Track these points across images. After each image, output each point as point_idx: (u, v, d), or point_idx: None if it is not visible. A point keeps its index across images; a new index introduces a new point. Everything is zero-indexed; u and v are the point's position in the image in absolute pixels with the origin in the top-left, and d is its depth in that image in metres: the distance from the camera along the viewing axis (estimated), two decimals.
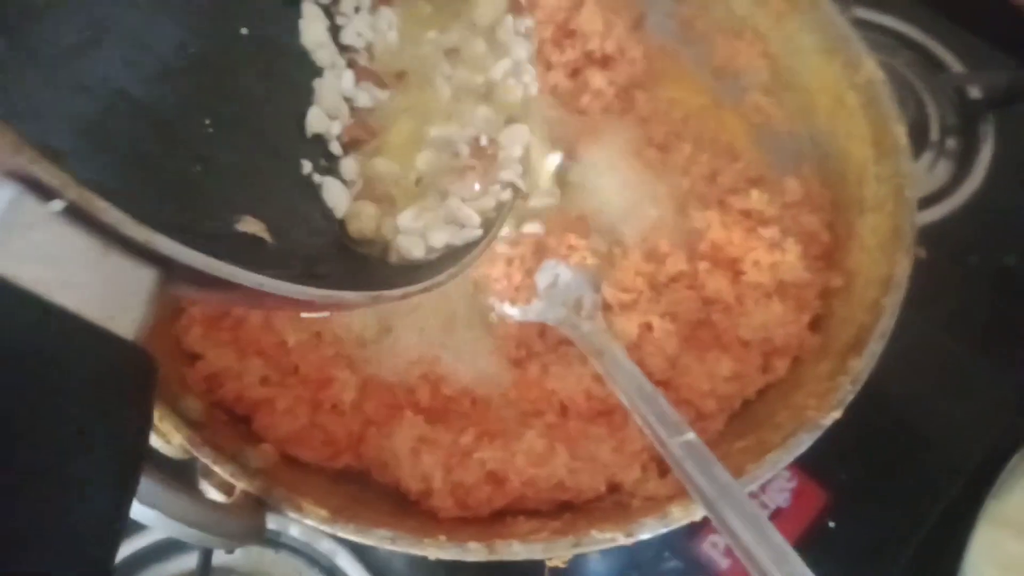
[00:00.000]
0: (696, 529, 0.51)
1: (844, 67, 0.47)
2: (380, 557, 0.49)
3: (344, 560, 0.49)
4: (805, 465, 0.53)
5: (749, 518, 0.32)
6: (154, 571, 0.50)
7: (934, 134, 0.66)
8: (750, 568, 0.31)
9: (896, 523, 0.52)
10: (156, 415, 0.34)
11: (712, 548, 0.50)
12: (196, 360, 0.40)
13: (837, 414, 0.35)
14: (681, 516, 0.33)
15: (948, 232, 0.62)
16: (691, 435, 0.35)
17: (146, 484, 0.28)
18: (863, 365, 0.36)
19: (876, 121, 0.45)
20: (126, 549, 0.49)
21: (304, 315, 0.41)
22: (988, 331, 0.58)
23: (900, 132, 0.43)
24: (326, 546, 0.49)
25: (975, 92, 0.67)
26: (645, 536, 0.33)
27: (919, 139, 0.66)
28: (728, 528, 0.32)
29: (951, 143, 0.66)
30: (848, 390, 0.36)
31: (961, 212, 0.63)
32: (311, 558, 0.49)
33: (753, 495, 0.52)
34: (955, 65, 0.69)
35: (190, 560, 0.48)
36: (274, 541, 0.50)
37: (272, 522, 0.49)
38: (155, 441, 0.35)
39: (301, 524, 0.48)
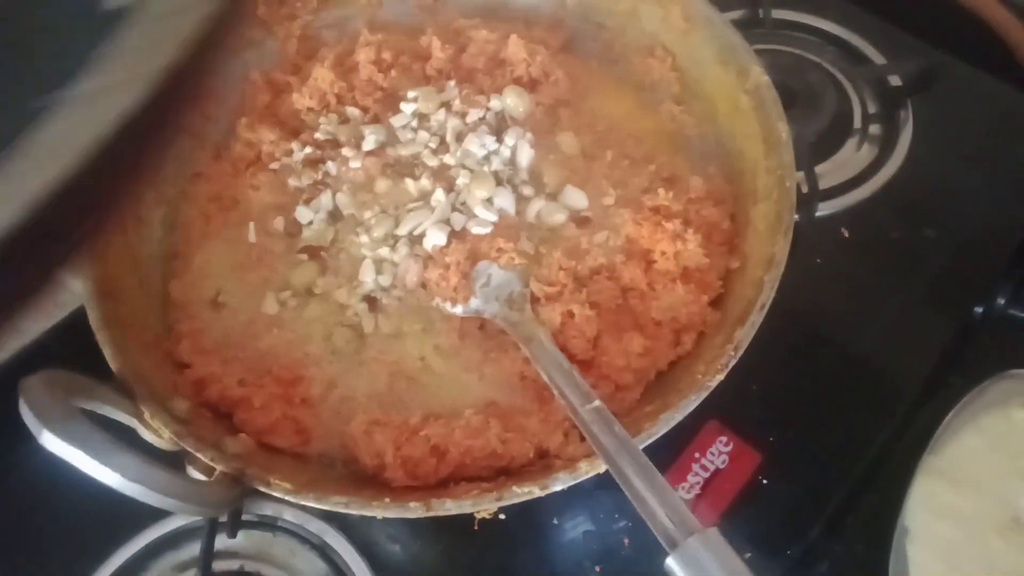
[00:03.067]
0: None
1: (737, 75, 0.53)
2: (366, 534, 0.55)
3: (332, 538, 0.55)
4: (740, 428, 0.58)
5: (640, 466, 0.38)
6: (167, 558, 0.56)
7: (857, 121, 0.72)
8: (641, 509, 0.37)
9: (828, 476, 0.57)
10: (148, 413, 0.42)
11: None
12: (185, 368, 0.47)
13: (721, 376, 0.41)
14: (588, 470, 0.40)
15: (872, 212, 0.68)
16: (597, 402, 0.41)
17: (135, 463, 0.34)
18: (744, 335, 0.42)
19: (764, 121, 0.50)
20: (139, 541, 0.56)
21: None
22: (913, 297, 0.64)
23: (783, 128, 0.49)
24: (316, 526, 0.56)
25: (895, 80, 0.73)
26: (557, 488, 0.39)
27: (844, 127, 0.71)
28: (624, 477, 0.38)
29: (874, 129, 0.72)
30: (731, 356, 0.42)
31: (884, 192, 0.68)
32: (304, 538, 0.56)
33: (694, 459, 0.59)
34: (876, 56, 0.75)
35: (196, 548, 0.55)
36: (271, 525, 0.56)
37: (268, 508, 0.57)
38: (148, 435, 0.42)
39: (294, 508, 0.56)
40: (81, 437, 0.34)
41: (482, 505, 0.39)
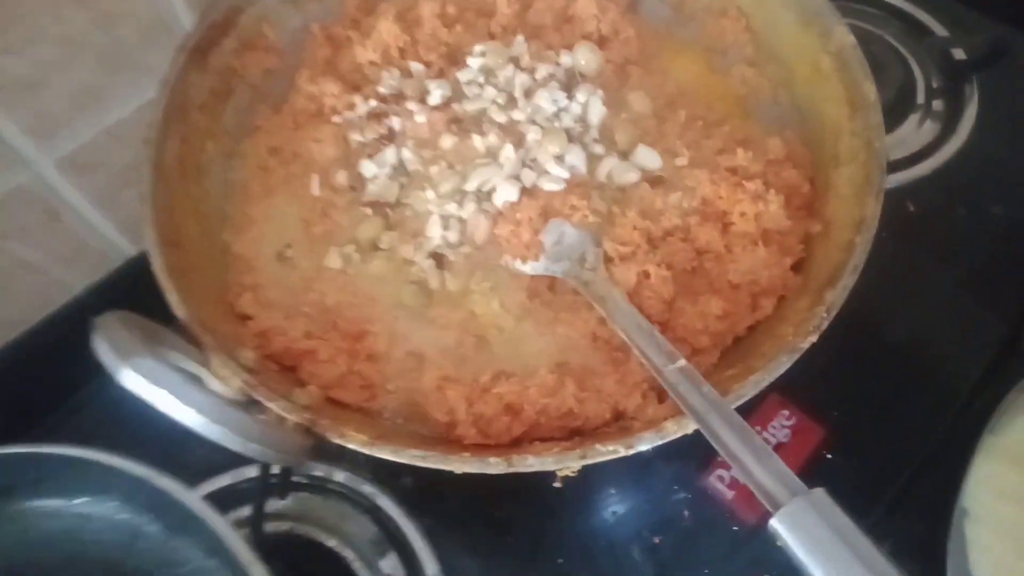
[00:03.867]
0: (703, 464, 0.55)
1: (819, 36, 0.51)
2: (413, 497, 0.54)
3: (383, 501, 0.54)
4: (803, 403, 0.57)
5: (735, 427, 0.37)
6: None
7: (921, 97, 0.70)
8: (737, 469, 0.36)
9: (891, 454, 0.56)
10: (217, 362, 0.40)
11: (718, 481, 0.55)
12: (247, 320, 0.46)
13: (813, 338, 0.40)
14: (675, 429, 0.38)
15: (938, 187, 0.66)
16: (683, 362, 0.40)
17: (217, 406, 0.33)
18: (836, 296, 0.41)
19: (848, 82, 0.49)
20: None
21: None
22: (978, 274, 0.62)
23: (870, 90, 0.47)
24: (367, 489, 0.55)
25: (959, 54, 0.71)
26: (643, 447, 0.38)
27: (907, 102, 0.70)
28: (717, 437, 0.37)
29: (937, 104, 0.70)
30: (823, 317, 0.40)
31: (949, 168, 0.67)
32: (355, 501, 0.55)
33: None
34: (939, 30, 0.73)
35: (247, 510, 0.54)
36: (321, 487, 0.55)
37: (319, 469, 0.56)
38: (215, 384, 0.41)
39: (344, 471, 0.55)
40: (161, 376, 0.33)
41: (565, 462, 0.38)
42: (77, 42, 0.53)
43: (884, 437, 0.56)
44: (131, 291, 0.56)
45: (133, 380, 0.32)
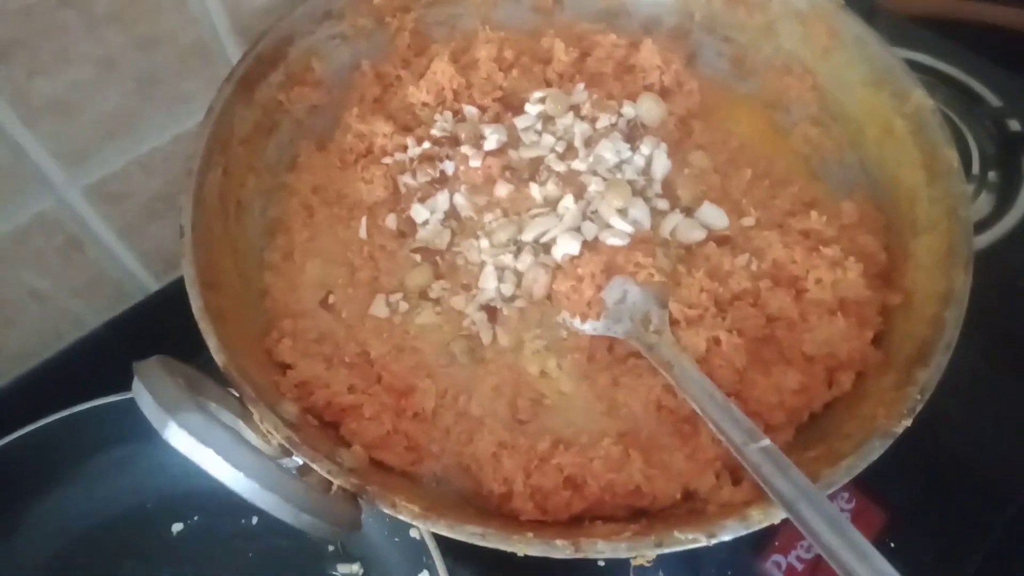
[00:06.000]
0: (759, 548, 0.51)
1: (892, 97, 0.49)
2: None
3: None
4: (863, 486, 0.53)
5: (830, 519, 0.33)
6: None
7: (975, 167, 0.68)
8: (835, 566, 0.32)
9: (955, 543, 0.52)
10: (256, 415, 0.37)
11: (775, 568, 0.51)
12: (287, 370, 0.42)
13: (908, 422, 0.37)
14: (761, 519, 0.35)
15: (993, 261, 0.64)
16: (766, 441, 0.36)
17: (267, 470, 0.29)
18: (930, 375, 0.38)
19: (926, 147, 0.47)
20: None
21: None
22: None
23: (952, 156, 0.45)
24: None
25: (1014, 124, 0.69)
26: (726, 537, 0.34)
27: None
28: (810, 529, 0.33)
29: (992, 175, 0.68)
30: (917, 399, 0.37)
31: (1005, 241, 0.64)
32: None
33: None
34: (993, 100, 0.72)
35: None
36: None
37: None
38: (255, 439, 0.37)
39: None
40: (208, 434, 0.29)
41: (639, 550, 0.34)
42: (114, 64, 0.51)
43: (951, 526, 0.52)
44: (151, 328, 0.53)
45: (180, 438, 0.29)
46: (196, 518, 0.49)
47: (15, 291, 0.56)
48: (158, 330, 0.45)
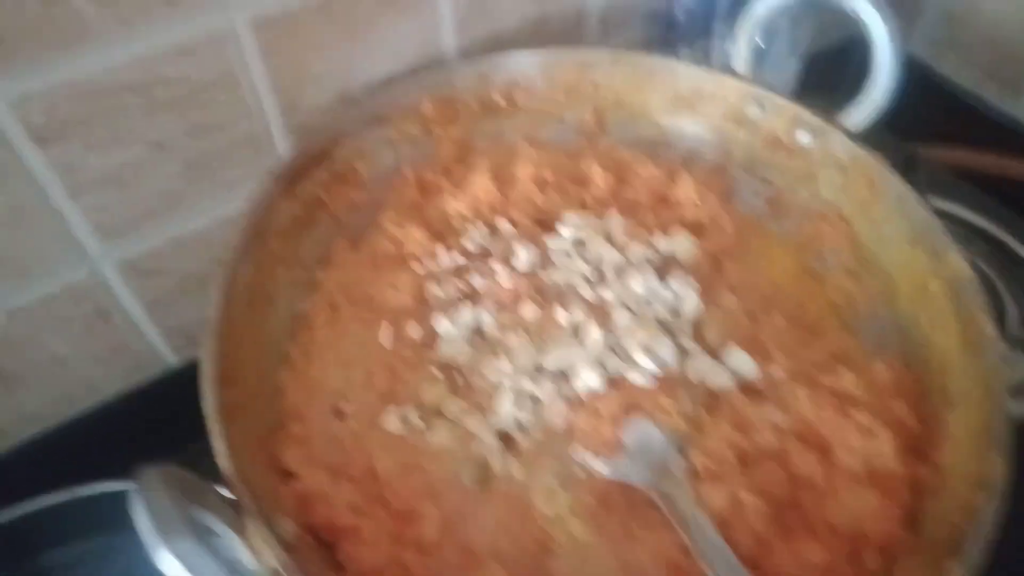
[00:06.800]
0: None
1: (929, 257, 0.48)
2: None
3: None
4: None
5: None
6: None
7: (1012, 327, 0.67)
8: None
9: None
10: (254, 532, 0.35)
11: None
12: (290, 478, 0.41)
13: None
14: None
15: None
16: None
17: None
18: (963, 572, 0.35)
19: (961, 313, 0.45)
20: None
21: None
22: None
23: (987, 325, 0.44)
24: None
25: None
26: None
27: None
28: None
29: None
30: None
31: None
32: None
33: None
34: None
35: None
36: None
37: None
38: (243, 554, 0.35)
39: None
40: (199, 563, 0.28)
41: None
42: (165, 148, 0.53)
43: None
44: (165, 404, 0.52)
45: (170, 564, 0.28)
46: None
47: (38, 355, 0.56)
48: (173, 406, 0.45)
